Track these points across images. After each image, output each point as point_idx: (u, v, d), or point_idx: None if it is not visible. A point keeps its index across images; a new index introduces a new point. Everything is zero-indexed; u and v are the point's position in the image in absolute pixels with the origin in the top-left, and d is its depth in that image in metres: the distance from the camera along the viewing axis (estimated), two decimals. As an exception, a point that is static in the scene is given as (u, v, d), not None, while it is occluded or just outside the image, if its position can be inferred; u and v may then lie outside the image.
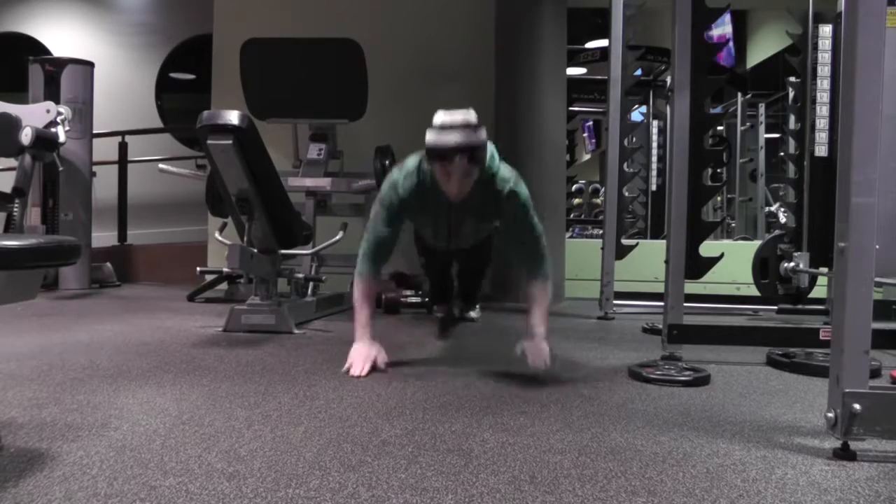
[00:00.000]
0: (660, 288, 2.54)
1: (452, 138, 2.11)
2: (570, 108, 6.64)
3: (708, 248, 2.48)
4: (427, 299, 3.93)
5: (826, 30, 3.13)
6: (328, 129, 4.31)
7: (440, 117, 2.14)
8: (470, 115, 2.15)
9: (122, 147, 6.04)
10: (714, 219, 6.06)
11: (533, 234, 2.35)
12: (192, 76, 7.97)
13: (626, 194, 4.17)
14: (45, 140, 4.34)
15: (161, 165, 4.23)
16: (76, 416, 1.75)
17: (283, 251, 3.40)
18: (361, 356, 2.31)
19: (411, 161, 2.36)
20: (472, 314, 3.62)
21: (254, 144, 3.00)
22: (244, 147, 2.93)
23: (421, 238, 2.79)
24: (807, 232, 3.18)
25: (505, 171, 2.34)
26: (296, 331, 3.16)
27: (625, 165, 4.05)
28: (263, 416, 1.79)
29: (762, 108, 6.50)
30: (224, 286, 4.50)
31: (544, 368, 2.23)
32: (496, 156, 2.33)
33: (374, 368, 2.31)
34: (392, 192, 2.34)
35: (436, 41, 5.19)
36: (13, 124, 4.30)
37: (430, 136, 2.13)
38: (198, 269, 3.73)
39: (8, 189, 4.31)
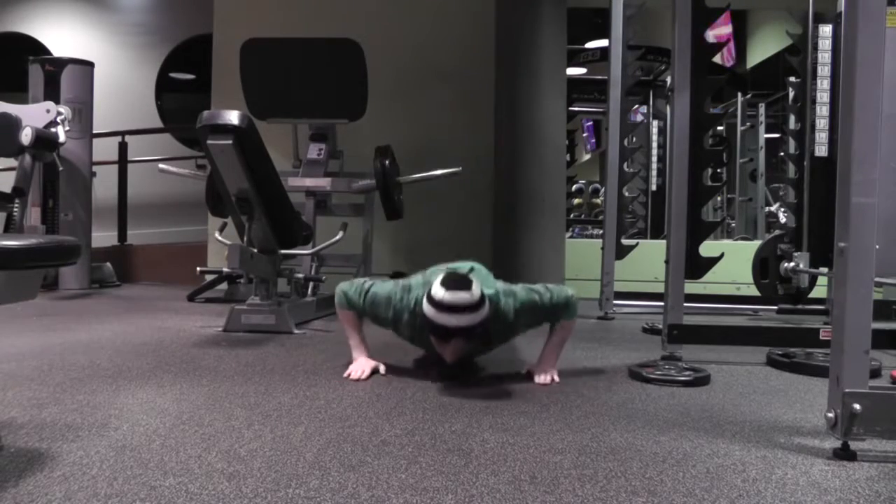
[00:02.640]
0: (660, 288, 2.54)
1: (452, 320, 1.98)
2: (570, 108, 6.64)
3: (708, 248, 2.47)
4: None
5: (826, 30, 3.12)
6: (328, 129, 4.31)
7: (440, 293, 1.98)
8: (472, 294, 1.99)
9: (122, 147, 6.04)
10: (714, 219, 6.06)
11: (549, 304, 2.26)
12: (192, 76, 7.97)
13: (626, 194, 4.17)
14: (45, 140, 4.34)
15: (161, 165, 4.22)
16: (76, 416, 1.75)
17: (283, 251, 3.40)
18: (361, 365, 2.31)
19: (414, 294, 2.20)
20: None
21: (254, 144, 3.00)
22: (244, 147, 2.93)
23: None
24: (807, 232, 3.18)
25: (504, 302, 2.19)
26: (296, 331, 3.16)
27: (625, 165, 4.05)
28: (263, 416, 1.79)
29: (762, 108, 6.50)
30: (224, 286, 4.50)
31: (551, 382, 2.22)
32: (493, 291, 2.18)
33: (374, 372, 2.31)
34: (385, 307, 2.24)
35: (436, 41, 5.19)
36: (13, 124, 4.30)
37: (429, 311, 2.00)
38: (198, 269, 3.73)
39: (8, 189, 4.30)
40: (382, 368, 2.33)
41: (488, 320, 2.07)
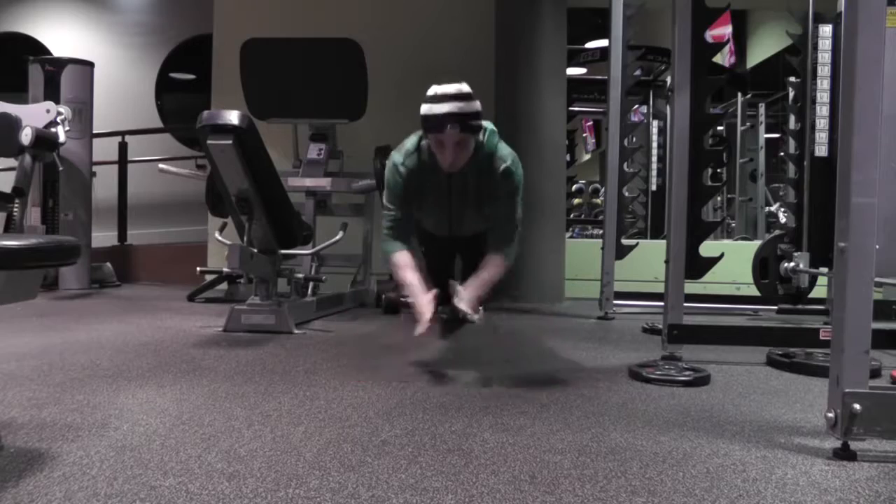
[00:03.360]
0: (660, 288, 2.54)
1: (445, 107, 2.16)
2: (570, 108, 6.63)
3: (708, 248, 2.47)
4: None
5: (826, 30, 3.12)
6: (328, 129, 4.31)
7: (433, 89, 2.20)
8: (463, 86, 2.20)
9: (122, 147, 6.04)
10: (714, 219, 6.06)
11: (511, 216, 2.40)
12: (192, 76, 7.97)
13: (626, 194, 4.17)
14: (45, 140, 4.34)
15: (161, 165, 4.24)
16: (76, 416, 1.75)
17: (283, 251, 3.40)
18: (423, 306, 2.22)
19: (410, 141, 2.42)
20: (475, 316, 3.57)
21: (254, 144, 3.00)
22: (244, 147, 2.93)
23: (423, 230, 2.78)
24: (807, 232, 3.17)
25: (504, 149, 2.39)
26: (296, 331, 3.16)
27: (625, 165, 4.05)
28: (263, 416, 1.79)
29: (762, 108, 6.50)
30: (224, 286, 4.50)
31: (471, 317, 2.22)
32: (496, 134, 2.39)
33: (436, 308, 2.22)
34: (394, 173, 2.41)
35: (436, 41, 5.19)
36: (13, 124, 4.30)
37: (424, 107, 2.20)
38: (198, 269, 3.73)
39: (8, 189, 4.31)
40: (428, 312, 2.22)
41: (480, 114, 2.23)
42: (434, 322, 2.21)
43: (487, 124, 2.41)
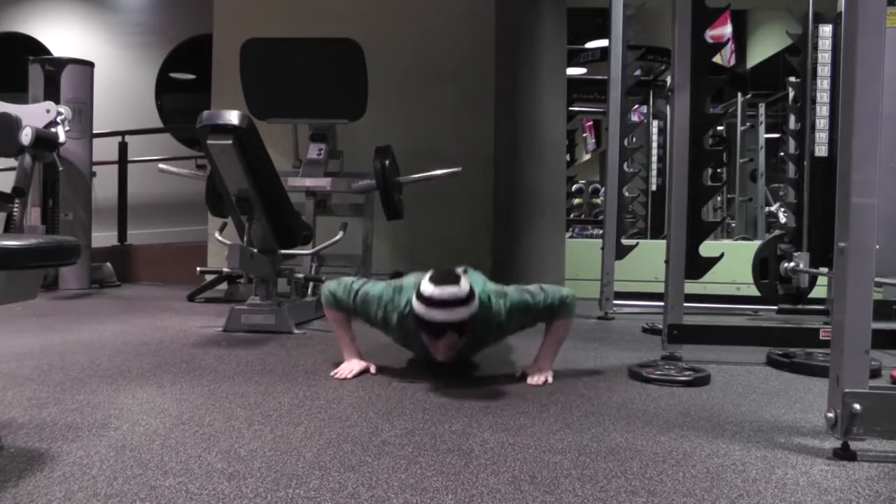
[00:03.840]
0: (660, 288, 2.54)
1: (441, 315, 1.95)
2: (570, 108, 6.63)
3: (708, 248, 2.47)
4: None
5: (826, 30, 3.12)
6: (328, 129, 4.31)
7: (429, 289, 1.96)
8: (461, 288, 1.97)
9: (122, 147, 6.04)
10: (714, 219, 6.06)
11: (542, 305, 2.23)
12: (192, 76, 7.97)
13: (626, 194, 4.17)
14: (45, 140, 4.34)
15: (161, 165, 4.22)
16: (76, 416, 1.75)
17: (283, 251, 3.40)
18: (350, 365, 2.30)
19: (405, 296, 2.16)
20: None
21: (254, 144, 3.00)
22: (244, 147, 2.93)
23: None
24: (807, 232, 3.18)
25: (495, 303, 2.18)
26: (296, 331, 3.16)
27: (625, 165, 4.05)
28: (263, 416, 1.79)
29: (762, 108, 6.50)
30: (224, 286, 4.50)
31: (544, 383, 2.21)
32: (484, 292, 2.17)
33: (363, 372, 2.29)
34: (382, 310, 2.22)
35: (436, 41, 5.19)
36: (13, 124, 4.29)
37: (418, 307, 1.98)
38: (198, 269, 3.73)
39: (8, 189, 4.30)
40: (373, 368, 2.32)
41: (476, 315, 2.03)
42: (353, 378, 2.22)
43: (477, 277, 2.26)
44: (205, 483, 1.30)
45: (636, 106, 6.71)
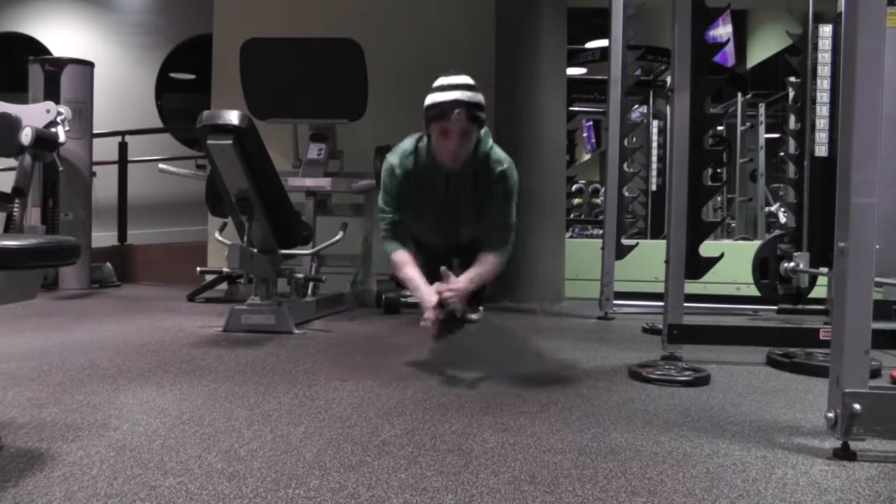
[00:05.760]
0: (660, 288, 2.54)
1: (452, 95, 2.21)
2: (570, 108, 6.63)
3: (708, 248, 2.47)
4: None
5: (826, 30, 3.13)
6: (328, 129, 4.31)
7: (439, 80, 2.26)
8: (468, 78, 2.27)
9: (122, 147, 6.04)
10: (714, 219, 6.06)
11: (506, 220, 2.42)
12: (192, 76, 7.97)
13: (626, 194, 4.17)
14: (45, 140, 4.34)
15: (161, 165, 4.23)
16: (76, 416, 1.75)
17: (283, 251, 3.40)
18: (430, 300, 2.23)
19: (407, 142, 2.45)
20: (474, 316, 3.58)
21: (254, 144, 3.00)
22: (244, 147, 2.93)
23: (417, 239, 2.73)
24: (807, 232, 3.18)
25: (499, 152, 2.42)
26: (296, 331, 3.16)
27: (625, 165, 4.05)
28: (263, 416, 1.79)
29: (762, 108, 6.50)
30: (224, 286, 4.50)
31: (467, 315, 2.21)
32: (490, 136, 2.42)
33: (441, 306, 2.23)
34: (390, 174, 2.43)
35: (436, 41, 5.19)
36: (13, 124, 4.29)
37: (430, 97, 2.25)
38: (198, 269, 3.73)
39: (8, 189, 4.31)
40: (446, 293, 2.24)
41: (483, 105, 2.28)
42: (437, 313, 2.22)
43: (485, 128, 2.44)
44: (205, 483, 1.30)
45: (636, 106, 6.72)
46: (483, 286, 2.42)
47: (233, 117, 2.88)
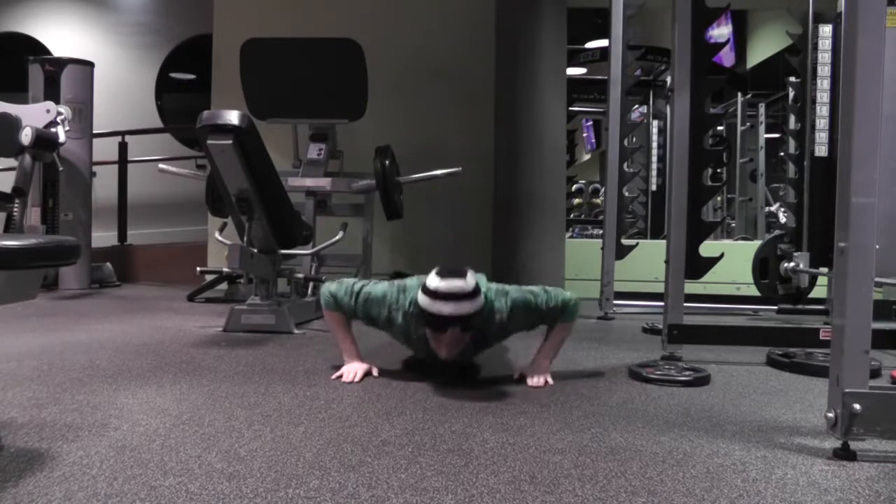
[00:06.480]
0: (660, 288, 2.54)
1: (447, 308, 1.95)
2: (570, 108, 6.63)
3: (708, 248, 2.47)
4: None
5: (826, 30, 3.12)
6: (328, 129, 4.31)
7: (435, 282, 1.97)
8: (467, 283, 1.98)
9: (122, 147, 6.04)
10: (714, 219, 6.06)
11: (544, 306, 2.22)
12: (192, 76, 7.97)
13: (626, 194, 4.17)
14: (45, 140, 4.34)
15: (161, 165, 4.22)
16: (76, 416, 1.75)
17: (283, 251, 3.40)
18: (353, 368, 2.28)
19: (410, 295, 2.16)
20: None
21: (254, 144, 3.00)
22: (244, 147, 2.93)
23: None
24: (807, 232, 3.17)
25: (497, 302, 2.18)
26: (296, 331, 3.16)
27: (625, 165, 4.05)
28: (263, 416, 1.79)
29: (762, 108, 6.50)
30: (224, 286, 4.49)
31: (544, 385, 2.20)
32: (485, 290, 2.14)
33: (366, 375, 2.28)
34: (386, 308, 2.21)
35: (436, 41, 5.19)
36: (13, 124, 4.29)
37: (423, 300, 1.98)
38: (198, 269, 3.73)
39: (8, 189, 4.30)
40: (375, 371, 2.30)
41: (481, 311, 2.03)
42: (359, 382, 2.19)
43: (479, 277, 2.17)
44: (205, 483, 1.30)
45: (636, 106, 6.71)
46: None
47: (233, 117, 2.88)
